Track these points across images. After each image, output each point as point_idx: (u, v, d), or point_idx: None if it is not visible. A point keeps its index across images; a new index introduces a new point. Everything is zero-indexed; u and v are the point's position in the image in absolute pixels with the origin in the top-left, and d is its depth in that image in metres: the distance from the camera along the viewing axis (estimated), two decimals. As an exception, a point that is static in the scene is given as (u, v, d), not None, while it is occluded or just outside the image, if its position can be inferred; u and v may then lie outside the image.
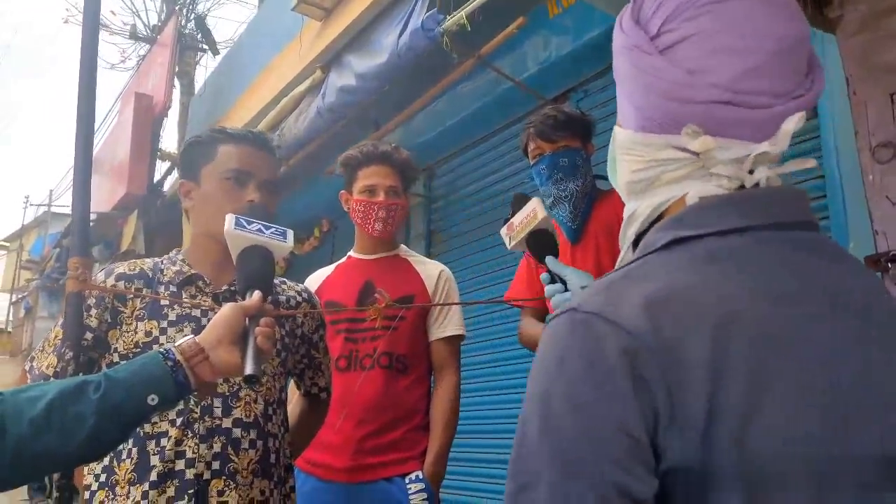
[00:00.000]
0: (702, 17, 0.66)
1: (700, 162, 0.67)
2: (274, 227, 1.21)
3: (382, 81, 3.51)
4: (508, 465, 0.62)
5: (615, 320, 0.60)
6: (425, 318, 2.11)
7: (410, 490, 1.94)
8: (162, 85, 6.70)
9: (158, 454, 1.29)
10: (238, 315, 1.04)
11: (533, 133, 2.04)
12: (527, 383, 0.64)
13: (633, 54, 0.70)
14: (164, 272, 1.45)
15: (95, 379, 0.92)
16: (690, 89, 0.66)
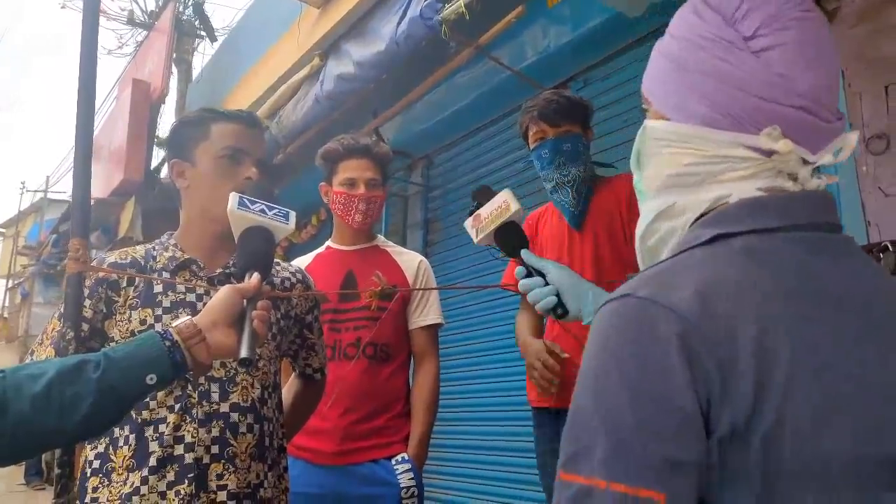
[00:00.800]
0: (791, 30, 0.72)
1: (771, 163, 0.71)
2: (277, 208, 1.22)
3: (381, 70, 3.51)
4: (563, 433, 0.67)
5: (669, 306, 0.64)
6: (405, 307, 2.14)
7: (398, 470, 2.02)
8: (159, 71, 6.67)
9: (157, 440, 1.30)
10: (236, 297, 1.05)
11: (535, 116, 2.03)
12: (584, 358, 0.68)
13: (722, 50, 0.73)
14: (156, 259, 1.43)
15: (94, 358, 0.93)
16: (780, 91, 0.70)
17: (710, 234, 0.71)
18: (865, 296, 0.69)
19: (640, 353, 0.64)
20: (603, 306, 0.70)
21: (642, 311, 0.65)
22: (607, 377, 0.64)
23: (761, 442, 0.62)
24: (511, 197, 1.30)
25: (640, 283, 0.69)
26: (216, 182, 1.39)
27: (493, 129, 4.21)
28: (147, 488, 1.27)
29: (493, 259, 4.16)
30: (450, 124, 4.29)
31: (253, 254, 1.17)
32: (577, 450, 0.64)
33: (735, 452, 0.62)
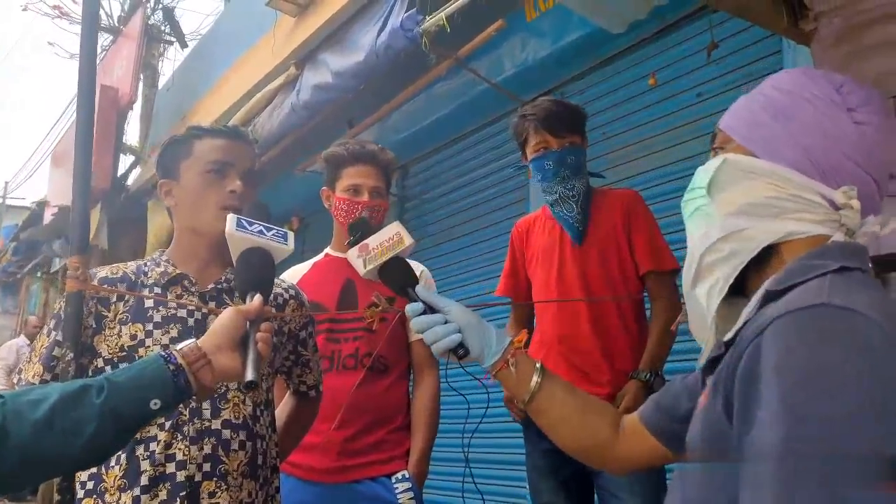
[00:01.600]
0: (879, 114, 0.84)
1: (837, 215, 0.82)
2: (275, 229, 1.20)
3: (360, 80, 3.49)
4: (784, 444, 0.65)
5: (873, 317, 0.70)
6: (405, 318, 2.11)
7: (398, 489, 1.94)
8: (128, 78, 6.56)
9: (148, 458, 1.28)
10: (239, 320, 1.03)
11: (538, 125, 1.99)
12: (797, 374, 0.67)
13: (829, 107, 0.84)
14: (147, 274, 1.42)
15: (97, 383, 0.90)
16: (864, 158, 0.83)
17: (836, 265, 0.77)
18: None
19: (887, 352, 0.67)
20: (791, 314, 0.72)
21: (854, 317, 0.70)
22: (862, 379, 0.65)
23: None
24: (403, 230, 1.20)
25: (824, 293, 0.73)
26: (201, 196, 1.40)
27: (469, 141, 4.22)
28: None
29: (469, 271, 4.16)
30: (426, 135, 4.29)
31: (253, 275, 1.15)
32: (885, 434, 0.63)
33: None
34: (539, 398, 1.09)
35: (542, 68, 3.46)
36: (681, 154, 2.95)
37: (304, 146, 4.61)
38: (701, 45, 2.88)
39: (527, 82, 3.58)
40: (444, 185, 4.40)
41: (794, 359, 0.69)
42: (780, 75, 0.92)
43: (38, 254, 10.54)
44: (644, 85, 3.09)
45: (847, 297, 0.72)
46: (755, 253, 0.83)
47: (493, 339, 1.11)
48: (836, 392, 0.66)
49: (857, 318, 0.70)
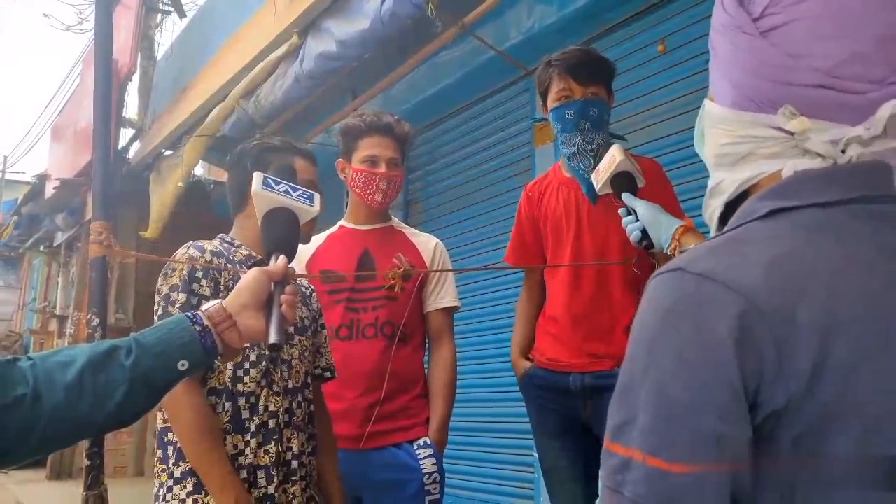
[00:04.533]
0: (805, 3, 0.69)
1: (793, 141, 0.70)
2: (301, 189, 1.19)
3: (364, 48, 3.45)
4: (611, 403, 0.67)
5: (725, 282, 0.63)
6: (422, 288, 2.12)
7: (420, 455, 1.98)
8: (127, 48, 6.48)
9: (249, 408, 1.52)
10: (264, 280, 1.02)
11: (563, 71, 1.90)
12: (632, 330, 0.69)
13: (734, 34, 0.73)
14: (232, 254, 1.61)
15: (125, 344, 0.90)
16: (791, 72, 0.69)
17: (766, 209, 0.70)
18: None
19: (692, 329, 0.63)
20: (656, 277, 0.69)
21: (698, 287, 0.65)
22: (656, 350, 0.65)
23: (816, 418, 0.61)
24: (618, 150, 1.60)
25: (696, 257, 0.67)
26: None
27: (475, 110, 4.18)
28: (249, 450, 1.50)
29: (473, 242, 4.15)
30: (431, 105, 4.25)
31: (278, 236, 1.14)
32: (622, 421, 0.65)
33: (785, 427, 0.62)
34: None
35: (548, 35, 3.41)
36: (689, 122, 2.90)
37: (308, 117, 4.57)
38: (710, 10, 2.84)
39: (533, 50, 3.52)
40: (450, 155, 4.37)
41: (632, 329, 0.69)
42: None
43: (40, 228, 10.52)
44: (653, 52, 3.06)
45: (716, 259, 0.66)
46: (721, 208, 0.78)
47: (664, 229, 1.42)
48: (632, 363, 0.67)
49: (706, 289, 0.64)
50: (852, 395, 0.61)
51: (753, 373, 0.62)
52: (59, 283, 10.78)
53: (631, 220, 1.52)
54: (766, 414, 0.62)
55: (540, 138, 3.65)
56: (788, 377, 0.61)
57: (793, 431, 0.62)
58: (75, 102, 8.02)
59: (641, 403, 0.64)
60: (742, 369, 0.61)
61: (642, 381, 0.64)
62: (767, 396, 0.62)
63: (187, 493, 1.47)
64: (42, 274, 12.51)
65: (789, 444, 0.63)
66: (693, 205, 2.59)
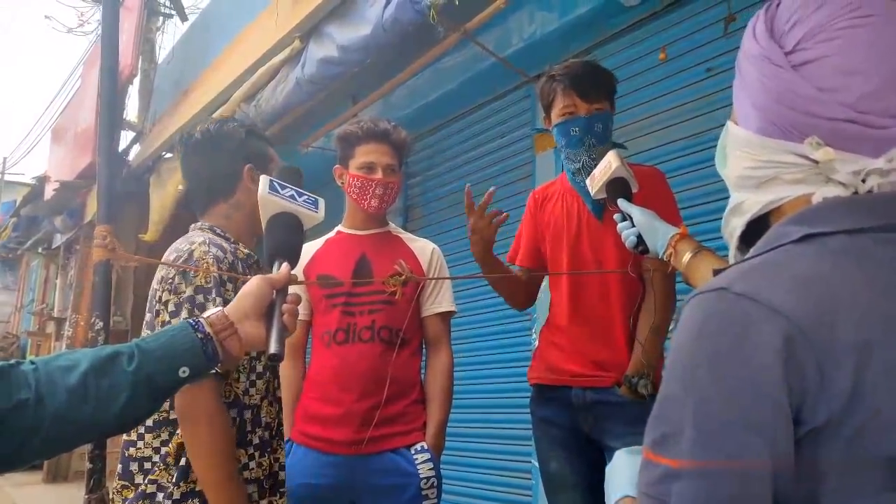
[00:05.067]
0: (836, 41, 0.73)
1: (817, 169, 0.74)
2: (307, 195, 1.18)
3: (366, 54, 3.45)
4: (651, 418, 0.70)
5: (768, 303, 0.66)
6: (419, 293, 2.12)
7: (418, 460, 1.99)
8: (128, 51, 6.48)
9: (252, 420, 1.51)
10: (266, 288, 1.02)
11: (568, 87, 1.89)
12: (672, 346, 0.71)
13: (764, 65, 0.76)
14: (236, 255, 1.57)
15: (127, 349, 0.90)
16: (819, 105, 0.72)
17: (800, 233, 0.72)
18: None
19: (737, 348, 0.66)
20: (695, 297, 0.71)
21: (741, 307, 0.67)
22: (700, 368, 0.67)
23: (854, 434, 0.64)
24: (614, 156, 1.60)
25: (735, 277, 0.70)
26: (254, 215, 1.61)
27: (475, 116, 4.19)
28: (255, 463, 1.49)
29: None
30: (431, 111, 4.26)
31: (281, 242, 1.13)
32: (665, 434, 0.68)
33: (824, 443, 0.65)
34: (688, 269, 1.36)
35: (549, 43, 3.42)
36: (689, 130, 2.93)
37: (308, 122, 4.58)
38: (712, 19, 2.85)
39: (534, 57, 3.54)
40: (450, 161, 4.38)
41: (673, 345, 0.71)
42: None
43: (39, 230, 10.51)
44: (654, 59, 3.06)
45: (757, 280, 0.68)
46: (742, 228, 0.81)
47: (660, 236, 1.44)
48: (672, 381, 0.69)
49: (751, 309, 0.66)
50: (886, 411, 0.64)
51: (798, 392, 0.64)
52: (58, 286, 10.77)
53: (627, 226, 1.53)
54: (807, 430, 0.65)
55: (541, 145, 3.66)
56: (830, 397, 0.64)
57: (831, 447, 0.65)
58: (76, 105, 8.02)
59: (688, 418, 0.66)
60: (788, 389, 0.64)
61: (685, 398, 0.67)
62: (809, 414, 0.65)
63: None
64: (40, 276, 12.49)
65: (827, 458, 0.65)
66: (692, 213, 2.60)
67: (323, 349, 2.09)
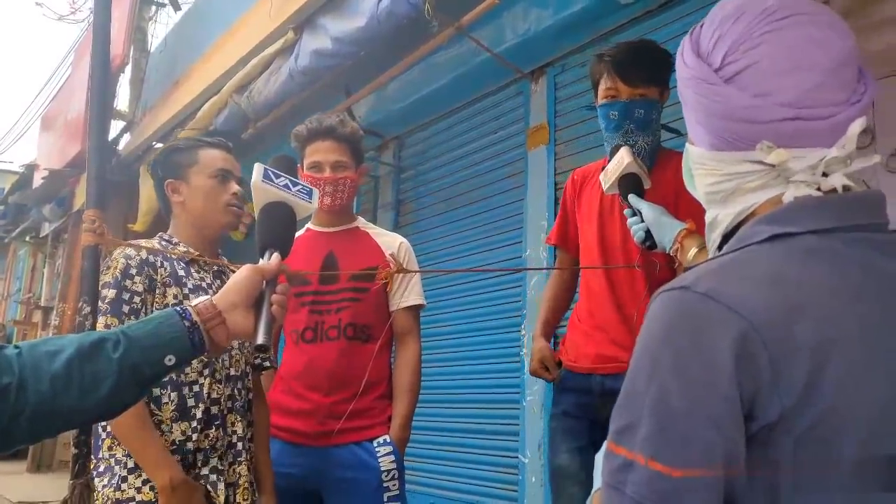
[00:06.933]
0: (761, 47, 0.75)
1: (775, 172, 0.75)
2: (300, 184, 1.17)
3: (359, 46, 3.44)
4: (615, 408, 0.73)
5: (727, 303, 0.68)
6: (387, 288, 2.13)
7: (379, 453, 2.01)
8: (120, 39, 6.40)
9: (194, 397, 1.63)
10: (256, 278, 1.01)
11: (612, 69, 1.83)
12: (637, 341, 0.73)
13: (699, 85, 0.79)
14: (171, 250, 1.74)
15: (113, 336, 0.89)
16: (760, 111, 0.74)
17: (766, 234, 0.74)
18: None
19: (695, 345, 0.68)
20: (662, 293, 0.74)
21: (701, 305, 0.69)
22: (661, 363, 0.69)
23: (807, 431, 0.66)
24: (627, 153, 1.64)
25: (699, 276, 0.72)
26: (210, 197, 1.77)
27: (468, 111, 4.18)
28: (197, 436, 1.61)
29: (465, 243, 4.15)
30: (424, 105, 4.24)
31: (274, 232, 1.12)
32: (626, 425, 0.70)
33: (778, 438, 0.67)
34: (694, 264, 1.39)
35: (544, 39, 3.42)
36: (682, 128, 2.93)
37: (301, 114, 4.55)
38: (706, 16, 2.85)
39: (529, 53, 3.54)
40: (442, 157, 4.37)
41: (638, 341, 0.74)
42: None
43: (27, 218, 10.42)
44: (648, 58, 3.06)
45: (719, 279, 0.70)
46: (718, 241, 0.83)
47: (668, 231, 1.47)
48: (636, 373, 0.72)
49: (709, 308, 0.68)
50: (843, 409, 0.65)
51: (750, 388, 0.66)
52: (45, 275, 10.69)
53: (636, 221, 1.57)
54: (760, 426, 0.67)
55: (533, 142, 3.66)
56: (782, 393, 0.66)
57: (785, 442, 0.67)
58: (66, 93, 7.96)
59: (645, 411, 0.69)
60: (739, 385, 0.66)
61: (646, 391, 0.70)
62: (762, 410, 0.67)
63: (143, 482, 1.55)
64: (27, 264, 12.39)
65: (781, 454, 0.67)
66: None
67: (293, 346, 2.11)
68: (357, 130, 2.18)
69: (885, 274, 0.71)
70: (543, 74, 3.64)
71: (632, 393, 0.71)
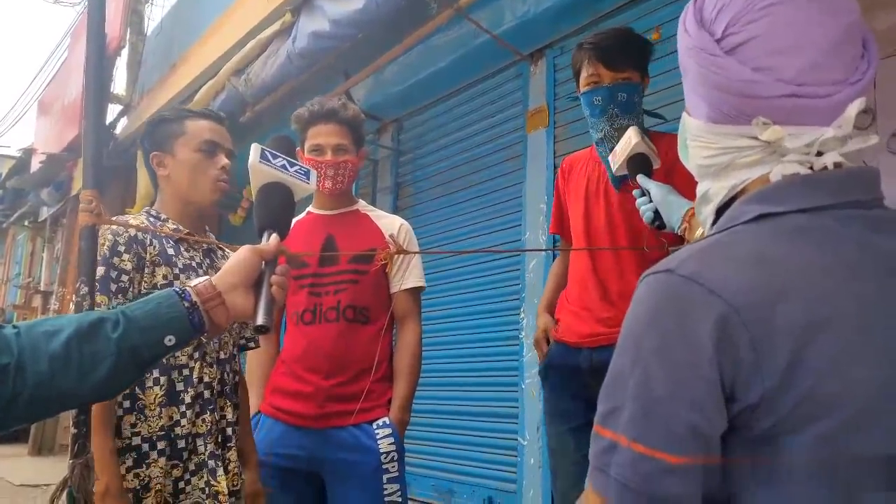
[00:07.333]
0: (762, 20, 0.74)
1: (771, 148, 0.75)
2: (298, 165, 1.16)
3: (357, 28, 3.42)
4: (601, 391, 0.74)
5: (709, 286, 0.68)
6: (386, 270, 2.13)
7: (379, 435, 2.01)
8: (116, 22, 6.39)
9: (184, 380, 1.60)
10: (255, 259, 1.00)
11: (593, 56, 1.87)
12: (623, 324, 0.74)
13: (700, 55, 0.78)
14: (161, 226, 1.69)
15: (112, 316, 0.89)
16: (758, 86, 0.73)
17: (753, 213, 0.73)
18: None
19: (677, 328, 0.68)
20: (648, 276, 0.74)
21: (683, 288, 0.69)
22: (645, 346, 0.70)
23: (788, 412, 0.66)
24: (634, 133, 1.63)
25: (684, 259, 0.72)
26: (196, 171, 1.69)
27: (467, 94, 4.16)
28: (186, 420, 1.58)
29: (463, 226, 4.14)
30: (423, 88, 4.22)
31: (272, 213, 1.11)
32: (611, 407, 0.71)
33: (759, 420, 0.67)
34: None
35: (543, 21, 3.39)
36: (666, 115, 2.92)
37: (299, 96, 4.53)
38: None
39: (527, 35, 3.52)
40: (441, 140, 4.35)
41: (624, 324, 0.74)
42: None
43: (25, 203, 10.41)
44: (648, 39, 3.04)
45: (702, 262, 0.70)
46: (713, 215, 0.82)
47: (675, 210, 1.46)
48: (621, 356, 0.72)
49: (692, 291, 0.68)
50: (834, 388, 0.65)
51: (730, 370, 0.67)
52: (44, 259, 10.69)
53: (644, 202, 1.56)
54: (741, 408, 0.67)
55: (532, 124, 3.64)
56: (763, 375, 0.66)
57: (765, 424, 0.67)
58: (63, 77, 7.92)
59: (629, 394, 0.69)
60: (720, 368, 0.67)
61: (630, 374, 0.70)
62: (742, 392, 0.67)
63: (127, 469, 1.54)
64: (26, 249, 12.39)
65: (761, 436, 0.67)
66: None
67: (293, 328, 2.11)
68: (359, 114, 2.17)
69: (880, 251, 0.70)
70: (543, 56, 3.61)
71: (617, 376, 0.72)
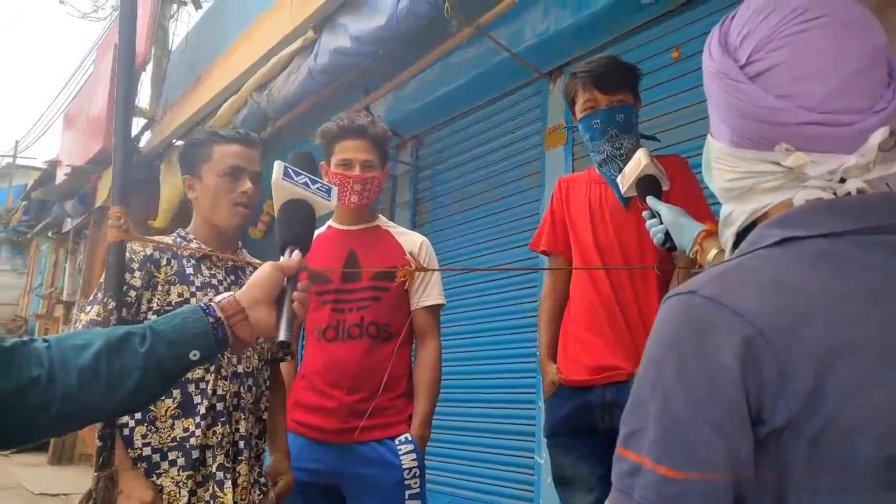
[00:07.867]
0: (786, 47, 0.74)
1: (793, 174, 0.75)
2: (320, 182, 1.18)
3: (379, 45, 3.45)
4: (624, 413, 0.73)
5: (732, 307, 0.68)
6: (408, 287, 2.14)
7: (401, 451, 2.02)
8: (142, 38, 6.49)
9: (200, 393, 1.63)
10: (278, 275, 1.02)
11: (588, 82, 1.95)
12: (647, 345, 0.74)
13: (723, 81, 0.78)
14: (178, 246, 1.73)
15: (140, 330, 0.91)
16: (781, 113, 0.73)
17: (775, 237, 0.73)
18: None
19: (700, 350, 0.68)
20: (671, 298, 0.74)
21: (706, 309, 0.69)
22: (666, 368, 0.70)
23: (816, 435, 0.65)
24: (643, 154, 1.61)
25: (707, 280, 0.72)
26: (218, 195, 1.74)
27: (486, 111, 4.18)
28: (200, 431, 1.60)
29: (481, 242, 4.15)
30: (442, 104, 4.25)
31: (293, 229, 1.13)
32: (634, 430, 0.71)
33: (787, 443, 0.67)
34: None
35: (563, 39, 3.41)
36: (701, 130, 2.91)
37: (320, 112, 4.58)
38: (727, 18, 2.83)
39: (547, 53, 3.54)
40: (460, 156, 4.38)
41: (647, 346, 0.73)
42: None
43: (49, 214, 10.56)
44: (667, 58, 3.06)
45: (725, 284, 0.70)
46: (734, 239, 0.82)
47: (686, 233, 1.45)
48: (644, 378, 0.72)
49: (715, 312, 0.68)
50: (858, 411, 0.65)
51: (756, 393, 0.66)
52: (67, 270, 10.83)
53: (655, 223, 1.55)
54: (769, 430, 0.67)
55: (551, 142, 3.65)
56: (789, 398, 0.66)
57: (795, 445, 0.66)
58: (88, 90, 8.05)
59: (652, 415, 0.69)
60: (745, 390, 0.66)
61: (652, 395, 0.70)
62: (769, 415, 0.66)
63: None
64: (49, 260, 12.56)
65: (791, 457, 0.67)
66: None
67: (314, 344, 2.12)
68: (386, 131, 2.20)
69: (883, 278, 0.69)
70: (561, 75, 3.63)
71: (640, 397, 0.72)
